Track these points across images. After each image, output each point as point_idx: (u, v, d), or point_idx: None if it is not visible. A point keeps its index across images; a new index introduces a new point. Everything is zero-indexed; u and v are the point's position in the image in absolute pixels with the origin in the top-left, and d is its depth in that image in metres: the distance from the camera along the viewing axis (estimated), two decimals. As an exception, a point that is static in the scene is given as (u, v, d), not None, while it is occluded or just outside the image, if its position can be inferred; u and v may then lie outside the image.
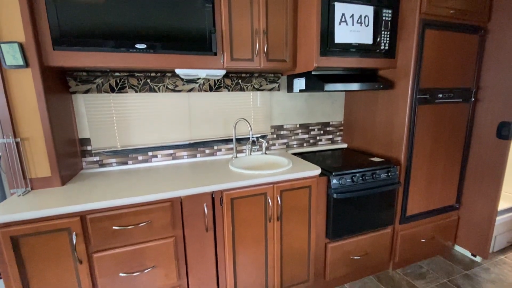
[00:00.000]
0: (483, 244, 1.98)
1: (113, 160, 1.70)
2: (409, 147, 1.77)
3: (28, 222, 1.06)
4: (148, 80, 1.63)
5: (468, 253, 2.14)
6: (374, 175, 1.67)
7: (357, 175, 1.63)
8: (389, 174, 1.72)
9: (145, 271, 1.27)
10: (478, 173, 1.96)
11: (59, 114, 1.38)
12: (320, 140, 2.28)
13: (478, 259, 2.07)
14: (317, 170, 1.54)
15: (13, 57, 1.18)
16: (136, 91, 1.63)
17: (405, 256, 1.97)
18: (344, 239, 1.73)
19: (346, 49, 1.58)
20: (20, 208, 1.07)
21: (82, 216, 1.14)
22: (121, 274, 1.23)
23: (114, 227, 1.18)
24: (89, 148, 1.64)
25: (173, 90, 1.70)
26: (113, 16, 1.27)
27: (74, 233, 1.12)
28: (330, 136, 2.31)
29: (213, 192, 1.35)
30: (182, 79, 1.70)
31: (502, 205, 2.15)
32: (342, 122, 2.33)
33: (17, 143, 1.24)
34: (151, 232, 1.25)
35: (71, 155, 1.50)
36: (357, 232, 1.74)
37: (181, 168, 1.66)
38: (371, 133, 2.03)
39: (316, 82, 1.63)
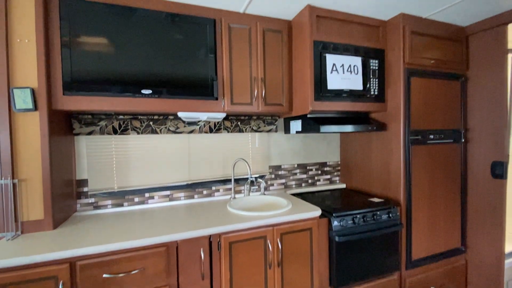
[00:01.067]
0: (496, 292, 1.86)
1: (109, 202, 1.67)
2: (407, 187, 1.77)
3: (13, 270, 0.99)
4: (151, 123, 1.69)
5: (482, 303, 1.99)
6: (375, 216, 1.64)
7: (358, 216, 1.61)
8: (390, 215, 1.69)
9: (134, 327, 1.15)
10: (480, 214, 1.94)
11: (60, 156, 1.40)
12: (318, 180, 2.28)
13: (494, 309, 1.92)
14: (317, 211, 1.51)
15: (23, 101, 1.23)
16: (138, 133, 1.67)
17: (416, 306, 1.83)
18: (349, 287, 1.62)
19: (339, 94, 1.69)
20: (6, 254, 1.02)
21: (71, 263, 1.07)
22: (107, 331, 1.11)
23: (104, 275, 1.10)
24: (85, 189, 1.62)
25: (174, 132, 1.75)
26: (122, 64, 1.37)
27: (61, 282, 1.04)
28: (328, 176, 2.32)
29: (210, 235, 1.30)
30: (184, 122, 1.77)
31: (509, 248, 2.07)
32: (339, 162, 2.36)
33: (14, 185, 1.23)
34: (144, 281, 1.17)
35: (66, 197, 1.47)
36: (363, 279, 1.64)
37: (178, 210, 1.62)
38: (368, 174, 2.05)
39: (312, 124, 1.71)
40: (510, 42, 1.87)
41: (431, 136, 1.86)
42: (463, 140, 1.98)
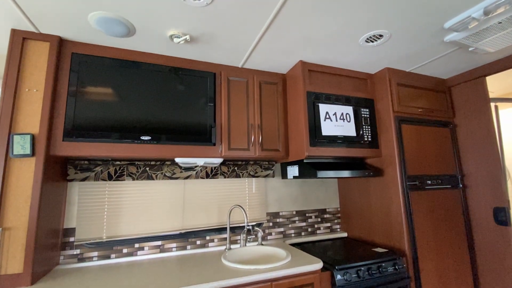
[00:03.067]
0: None
1: (95, 253, 1.55)
2: (410, 235, 1.70)
3: (-25, 337, 0.87)
4: (147, 168, 1.69)
5: None
6: (380, 269, 1.53)
7: (362, 269, 1.50)
8: (396, 267, 1.58)
9: None
10: (489, 264, 1.82)
11: (50, 203, 1.35)
12: (319, 228, 2.19)
13: None
14: (318, 264, 1.41)
15: (21, 147, 1.24)
16: (133, 179, 1.65)
17: None
18: None
19: (333, 140, 1.74)
20: (-28, 317, 0.90)
21: (43, 328, 0.95)
22: None
23: None
24: (71, 239, 1.52)
25: (170, 178, 1.73)
26: (124, 112, 1.42)
27: None
28: (328, 224, 2.23)
29: (203, 292, 1.19)
30: (181, 167, 1.76)
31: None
32: (339, 209, 2.30)
33: (-4, 235, 1.16)
34: None
35: (50, 248, 1.38)
36: None
37: (169, 263, 1.51)
38: (369, 221, 1.98)
39: (309, 169, 1.71)
40: (491, 92, 2.01)
41: (429, 182, 1.85)
42: (461, 186, 1.97)
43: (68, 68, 1.39)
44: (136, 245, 1.65)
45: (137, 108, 1.45)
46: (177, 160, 1.57)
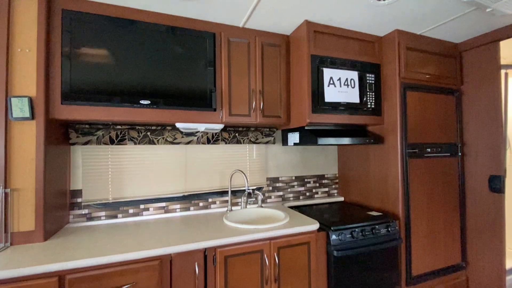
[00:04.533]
0: (499, 310, 1.80)
1: (102, 213, 1.63)
2: (405, 200, 1.76)
3: (0, 283, 0.96)
4: (148, 133, 1.69)
5: (485, 322, 1.93)
6: (373, 230, 1.62)
7: (356, 230, 1.58)
8: (389, 229, 1.66)
9: None
10: (479, 229, 1.92)
11: (55, 165, 1.38)
12: (316, 193, 2.26)
13: (497, 329, 1.86)
14: (315, 225, 1.49)
15: (20, 110, 1.23)
16: (135, 143, 1.66)
17: (417, 325, 1.77)
18: (348, 304, 1.57)
19: (336, 107, 1.71)
20: (-7, 267, 0.98)
21: (60, 276, 1.03)
22: None
23: (94, 290, 1.06)
24: (79, 200, 1.59)
25: (172, 143, 1.74)
26: (121, 75, 1.38)
27: (48, 298, 1.00)
28: (326, 189, 2.30)
29: (205, 249, 1.27)
30: (182, 132, 1.77)
31: (509, 263, 2.04)
32: (337, 175, 2.35)
33: (6, 194, 1.20)
34: (135, 296, 1.13)
35: (59, 208, 1.44)
36: (362, 295, 1.59)
37: (173, 222, 1.59)
38: (366, 187, 2.04)
39: (310, 136, 1.71)
40: (503, 58, 1.92)
41: (428, 150, 1.86)
42: (459, 154, 1.99)
43: (59, 27, 1.31)
44: (142, 206, 1.72)
45: (135, 71, 1.40)
46: (178, 125, 1.56)
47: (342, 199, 2.28)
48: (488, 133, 1.87)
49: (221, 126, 1.66)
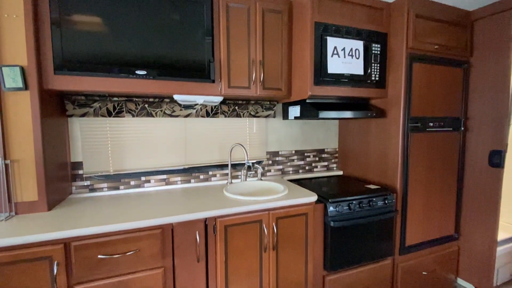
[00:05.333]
0: (486, 278, 1.90)
1: (104, 185, 1.66)
2: (404, 174, 1.77)
3: (7, 249, 0.99)
4: (146, 105, 1.66)
5: (471, 287, 2.04)
6: (371, 203, 1.65)
7: (353, 202, 1.61)
8: (386, 201, 1.69)
9: (130, 306, 1.17)
10: (475, 202, 1.95)
11: (53, 137, 1.37)
12: (316, 167, 2.28)
13: (482, 294, 1.98)
14: (313, 197, 1.51)
15: (13, 80, 1.19)
16: (133, 116, 1.64)
17: (407, 290, 1.87)
18: (343, 271, 1.65)
19: (339, 79, 1.65)
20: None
21: (66, 244, 1.07)
22: (103, 310, 1.13)
23: (99, 256, 1.11)
24: (80, 172, 1.60)
25: (170, 115, 1.72)
26: (115, 44, 1.32)
27: (55, 262, 1.04)
28: (326, 163, 2.31)
29: (206, 218, 1.30)
30: (180, 105, 1.73)
31: (502, 235, 2.11)
32: (337, 149, 2.35)
33: (6, 165, 1.21)
34: (139, 262, 1.18)
35: (61, 179, 1.46)
36: (356, 263, 1.66)
37: (174, 194, 1.62)
38: (365, 161, 2.04)
39: (311, 109, 1.68)
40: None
41: (431, 124, 1.84)
42: (462, 129, 1.96)
43: (46, -11, 1.23)
44: (143, 178, 1.74)
45: (129, 40, 1.33)
46: (176, 97, 1.53)
47: (341, 173, 2.31)
48: (493, 107, 1.83)
49: (220, 98, 1.63)
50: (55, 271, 1.04)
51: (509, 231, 2.28)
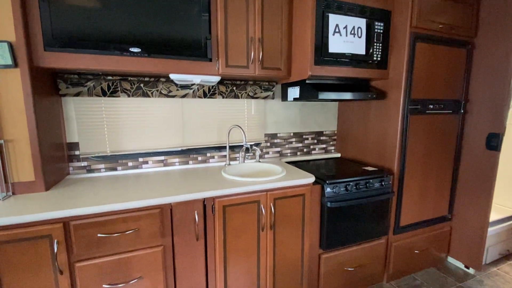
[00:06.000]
0: (476, 256, 1.97)
1: (102, 165, 1.65)
2: (402, 156, 1.78)
3: (6, 228, 1.00)
4: (142, 85, 1.61)
5: (461, 265, 2.13)
6: (367, 184, 1.66)
7: (351, 183, 1.62)
8: (383, 183, 1.71)
9: (131, 282, 1.20)
10: (469, 184, 1.98)
11: (47, 117, 1.34)
12: (314, 149, 2.28)
13: (471, 271, 2.06)
14: (310, 178, 1.52)
15: (1, 56, 1.14)
16: (128, 96, 1.60)
17: (399, 267, 1.94)
18: (338, 249, 1.70)
19: (340, 59, 1.61)
20: (-2, 213, 1.01)
21: (65, 223, 1.08)
22: (105, 286, 1.16)
23: (99, 235, 1.12)
24: (77, 153, 1.59)
25: (167, 96, 1.68)
26: (108, 20, 1.26)
27: (55, 241, 1.05)
28: (324, 146, 2.31)
29: (204, 199, 1.31)
30: (176, 85, 1.69)
31: (493, 216, 2.16)
32: (336, 132, 2.34)
33: (0, 145, 1.19)
34: (139, 241, 1.20)
35: (57, 160, 1.45)
36: (352, 242, 1.71)
37: (173, 175, 1.62)
38: (364, 143, 2.04)
39: (310, 90, 1.64)
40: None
41: (431, 106, 1.82)
42: (462, 111, 1.95)
43: (30, -42, 1.15)
44: (140, 159, 1.73)
45: (122, 15, 1.27)
46: (172, 76, 1.48)
47: (339, 155, 2.31)
48: (494, 90, 1.81)
49: (217, 78, 1.59)
50: (55, 249, 1.06)
51: (500, 212, 2.34)
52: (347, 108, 2.19)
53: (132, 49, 1.31)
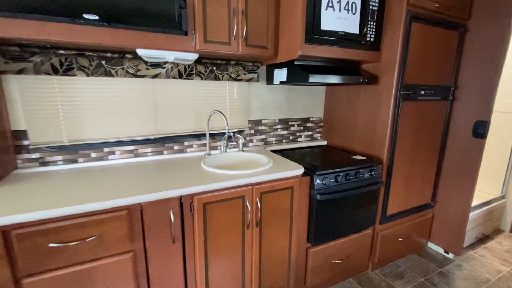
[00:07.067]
0: (456, 242, 2.00)
1: (59, 157, 1.41)
2: (391, 144, 1.70)
3: None
4: (103, 62, 1.36)
5: (441, 250, 2.17)
6: (357, 175, 1.58)
7: (341, 174, 1.53)
8: (373, 173, 1.63)
9: (95, 295, 1.03)
10: (454, 172, 1.97)
11: (-22, 99, 1.07)
12: (300, 136, 2.15)
13: (450, 256, 2.11)
14: (299, 170, 1.39)
15: None
16: (87, 74, 1.34)
17: (384, 256, 1.93)
18: (326, 243, 1.62)
19: (332, 37, 1.45)
20: None
21: (4, 232, 0.87)
22: (62, 302, 0.98)
23: (50, 245, 0.92)
24: (25, 142, 1.33)
25: (135, 75, 1.44)
26: (52, -25, 0.99)
27: (-9, 255, 0.85)
28: (310, 133, 2.20)
29: (181, 196, 1.14)
30: (146, 63, 1.45)
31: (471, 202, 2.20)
32: (322, 118, 2.22)
33: None
34: (103, 248, 1.01)
35: (0, 151, 1.19)
36: (340, 235, 1.64)
37: (144, 167, 1.42)
38: (352, 130, 1.94)
39: (300, 72, 1.49)
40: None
41: (422, 92, 1.74)
42: (451, 98, 1.90)
43: None
44: (106, 150, 1.51)
45: (70, -32, 1.00)
46: (140, 52, 1.25)
47: (325, 143, 2.21)
48: (484, 76, 1.76)
49: (194, 56, 1.37)
50: (-8, 265, 0.85)
51: (477, 198, 2.40)
52: (335, 93, 2.07)
53: (87, 16, 1.06)
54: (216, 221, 1.23)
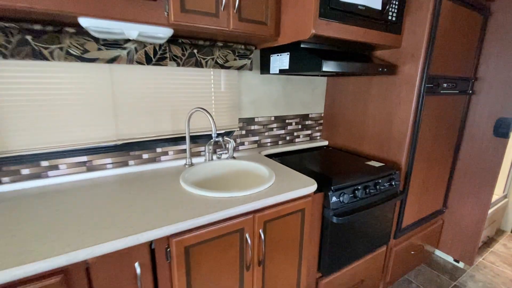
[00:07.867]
0: (469, 251, 1.82)
1: (-33, 178, 0.96)
2: (411, 147, 1.43)
3: None
4: (29, 37, 0.92)
5: (449, 258, 1.99)
6: (377, 186, 1.29)
7: (359, 188, 1.23)
8: (392, 182, 1.36)
9: None
10: (469, 174, 1.77)
11: None
12: (298, 136, 1.83)
13: (460, 264, 1.93)
14: (312, 186, 1.07)
15: None
16: (5, 56, 0.90)
17: (395, 272, 1.70)
18: (339, 270, 1.34)
19: (351, 12, 1.12)
20: None
21: None
22: None
23: None
24: None
25: (81, 58, 1.01)
26: None
27: None
28: (309, 132, 1.88)
29: (151, 242, 0.77)
30: (97, 41, 1.02)
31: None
32: (322, 115, 1.91)
33: None
34: (21, 337, 0.62)
35: None
36: (354, 259, 1.36)
37: (101, 188, 1.02)
38: (360, 129, 1.65)
39: (309, 58, 1.14)
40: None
41: (445, 85, 1.48)
42: (470, 92, 1.66)
43: None
44: (45, 163, 1.07)
45: None
46: (85, 23, 0.83)
47: (326, 143, 1.91)
48: (507, 68, 1.54)
49: (167, 32, 0.97)
50: None
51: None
52: (338, 86, 1.76)
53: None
54: (204, 267, 0.87)
